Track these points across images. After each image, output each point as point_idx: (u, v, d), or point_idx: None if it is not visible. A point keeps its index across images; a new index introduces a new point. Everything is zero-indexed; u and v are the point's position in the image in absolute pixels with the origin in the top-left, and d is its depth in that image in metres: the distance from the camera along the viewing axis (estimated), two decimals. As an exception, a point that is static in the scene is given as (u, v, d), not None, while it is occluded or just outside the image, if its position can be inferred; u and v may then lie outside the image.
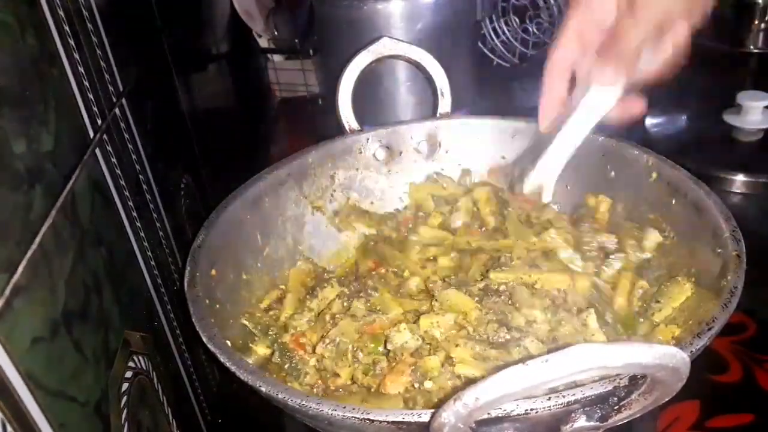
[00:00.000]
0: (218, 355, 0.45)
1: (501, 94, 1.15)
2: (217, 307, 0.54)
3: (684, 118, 1.03)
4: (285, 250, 0.67)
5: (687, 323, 0.50)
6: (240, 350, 0.54)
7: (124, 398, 0.46)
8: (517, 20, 1.13)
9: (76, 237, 0.42)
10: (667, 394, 0.35)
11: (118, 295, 0.47)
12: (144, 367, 0.51)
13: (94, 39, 0.49)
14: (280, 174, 0.66)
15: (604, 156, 0.64)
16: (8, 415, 0.32)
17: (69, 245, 0.41)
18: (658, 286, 0.55)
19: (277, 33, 1.09)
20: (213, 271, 0.55)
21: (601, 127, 0.57)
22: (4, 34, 0.37)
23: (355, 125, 0.71)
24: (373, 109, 0.85)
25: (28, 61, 0.39)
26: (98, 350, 0.43)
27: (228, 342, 0.47)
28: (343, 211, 0.71)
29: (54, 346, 0.37)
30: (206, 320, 0.48)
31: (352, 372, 0.52)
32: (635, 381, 0.36)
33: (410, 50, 0.70)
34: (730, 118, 0.94)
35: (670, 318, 0.53)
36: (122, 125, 0.53)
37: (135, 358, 0.49)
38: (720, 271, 0.48)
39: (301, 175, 0.68)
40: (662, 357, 0.31)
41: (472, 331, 0.52)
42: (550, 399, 0.36)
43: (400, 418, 0.37)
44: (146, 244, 0.55)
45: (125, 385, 0.46)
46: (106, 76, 0.50)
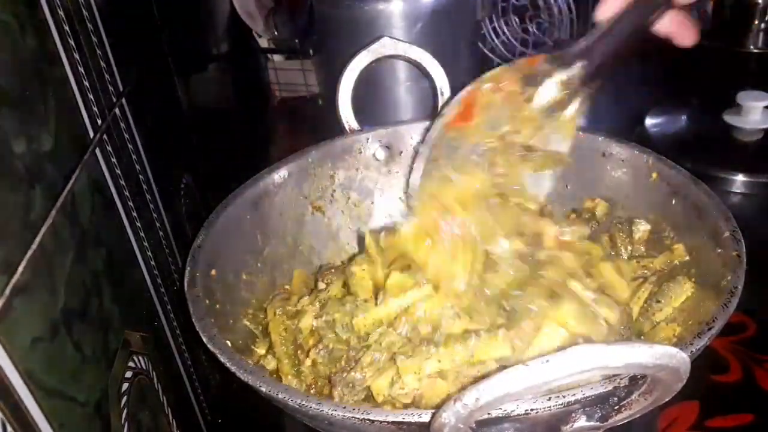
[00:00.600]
0: (218, 356, 0.45)
1: (501, 94, 1.15)
2: (217, 307, 0.54)
3: (684, 118, 1.03)
4: (285, 250, 0.66)
5: (687, 323, 0.50)
6: (240, 351, 0.54)
7: (124, 398, 0.46)
8: (517, 20, 1.12)
9: (76, 237, 0.42)
10: (667, 394, 0.36)
11: (118, 295, 0.47)
12: (144, 367, 0.51)
13: (94, 39, 0.49)
14: (280, 174, 0.66)
15: (604, 156, 0.64)
16: (8, 415, 0.32)
17: (69, 245, 0.41)
18: (659, 285, 0.55)
19: (277, 33, 1.08)
20: (213, 271, 0.55)
21: (601, 126, 0.57)
22: (4, 34, 0.37)
23: (355, 125, 0.71)
24: (373, 109, 0.85)
25: (28, 61, 0.39)
26: (98, 350, 0.43)
27: (228, 342, 0.47)
28: None
29: (54, 346, 0.37)
30: (206, 320, 0.48)
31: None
32: (635, 381, 0.36)
33: (410, 50, 0.70)
34: (730, 118, 0.94)
35: (671, 318, 0.53)
36: (122, 125, 0.53)
37: (135, 358, 0.49)
38: (720, 271, 0.48)
39: (301, 175, 0.68)
40: (662, 357, 0.31)
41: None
42: (550, 399, 0.36)
43: (400, 418, 0.37)
44: (146, 244, 0.55)
45: (125, 385, 0.46)
46: (106, 76, 0.50)
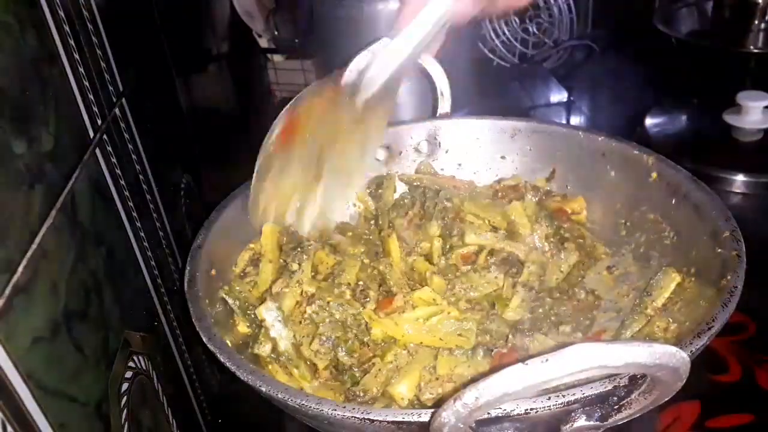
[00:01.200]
0: (218, 355, 0.45)
1: (501, 94, 1.15)
2: (217, 307, 0.54)
3: (684, 118, 1.03)
4: (285, 250, 0.66)
5: (686, 323, 0.50)
6: (239, 349, 0.54)
7: (124, 398, 0.46)
8: (517, 20, 1.13)
9: (76, 237, 0.42)
10: (666, 393, 0.35)
11: (118, 295, 0.47)
12: (144, 367, 0.51)
13: (94, 39, 0.49)
14: (280, 174, 0.66)
15: (604, 156, 0.64)
16: (8, 415, 0.32)
17: (69, 245, 0.41)
18: (647, 281, 0.56)
19: (277, 33, 1.08)
20: (213, 271, 0.55)
21: (600, 126, 0.56)
22: (4, 34, 0.37)
23: (355, 125, 0.70)
24: (372, 109, 0.85)
25: (28, 61, 0.39)
26: (98, 350, 0.43)
27: (228, 342, 0.47)
28: None
29: (54, 346, 0.37)
30: (206, 320, 0.48)
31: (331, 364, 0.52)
32: (635, 381, 0.36)
33: (410, 50, 0.70)
34: (730, 118, 0.94)
35: (662, 308, 0.53)
36: (122, 125, 0.53)
37: (135, 358, 0.49)
38: (720, 271, 0.48)
39: (301, 175, 0.68)
40: (662, 357, 0.31)
41: None
42: (550, 399, 0.36)
43: (400, 418, 0.37)
44: (146, 244, 0.55)
45: (125, 385, 0.46)
46: (106, 76, 0.50)
